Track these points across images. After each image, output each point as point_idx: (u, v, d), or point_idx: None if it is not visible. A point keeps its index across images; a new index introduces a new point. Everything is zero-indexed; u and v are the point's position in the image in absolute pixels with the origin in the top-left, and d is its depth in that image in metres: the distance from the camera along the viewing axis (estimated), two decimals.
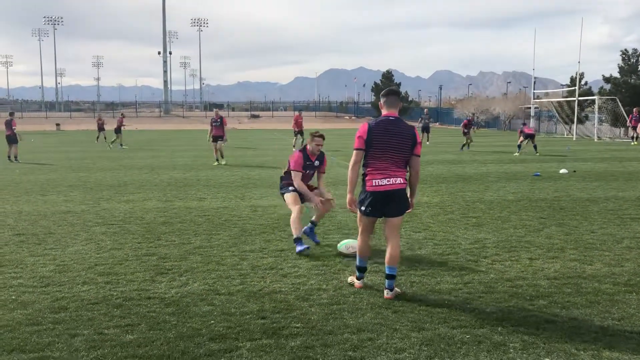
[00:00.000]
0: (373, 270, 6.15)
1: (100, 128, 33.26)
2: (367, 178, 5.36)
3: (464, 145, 26.31)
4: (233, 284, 5.71)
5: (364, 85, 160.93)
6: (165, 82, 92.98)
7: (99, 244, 7.44)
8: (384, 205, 5.33)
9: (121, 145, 28.67)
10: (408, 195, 5.49)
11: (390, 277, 5.33)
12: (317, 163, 7.38)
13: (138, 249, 7.19)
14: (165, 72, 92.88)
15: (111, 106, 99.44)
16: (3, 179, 15.02)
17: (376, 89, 73.30)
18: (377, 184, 5.27)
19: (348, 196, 5.51)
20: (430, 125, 33.42)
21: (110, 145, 28.80)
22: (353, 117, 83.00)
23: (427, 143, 30.43)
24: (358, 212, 5.50)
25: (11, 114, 22.57)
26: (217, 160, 19.27)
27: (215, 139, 19.33)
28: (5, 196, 11.83)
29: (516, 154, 23.00)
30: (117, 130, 29.22)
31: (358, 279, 5.68)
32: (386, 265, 5.37)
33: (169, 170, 17.23)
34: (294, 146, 26.14)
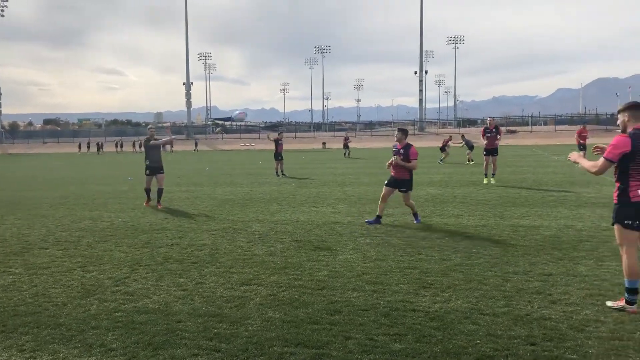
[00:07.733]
0: None
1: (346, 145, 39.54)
2: (631, 189, 5.21)
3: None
4: (497, 305, 5.54)
5: None
6: (421, 100, 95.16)
7: (364, 254, 7.95)
8: None
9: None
10: None
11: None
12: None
13: (400, 261, 7.48)
14: (420, 90, 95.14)
15: (369, 125, 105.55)
16: (283, 191, 17.09)
17: None
18: None
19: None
20: None
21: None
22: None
23: None
24: (621, 227, 5.28)
25: (279, 134, 25.77)
26: (486, 176, 17.43)
27: (490, 152, 17.41)
28: (285, 207, 13.43)
29: None
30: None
31: (629, 303, 5.23)
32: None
33: (425, 186, 17.55)
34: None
